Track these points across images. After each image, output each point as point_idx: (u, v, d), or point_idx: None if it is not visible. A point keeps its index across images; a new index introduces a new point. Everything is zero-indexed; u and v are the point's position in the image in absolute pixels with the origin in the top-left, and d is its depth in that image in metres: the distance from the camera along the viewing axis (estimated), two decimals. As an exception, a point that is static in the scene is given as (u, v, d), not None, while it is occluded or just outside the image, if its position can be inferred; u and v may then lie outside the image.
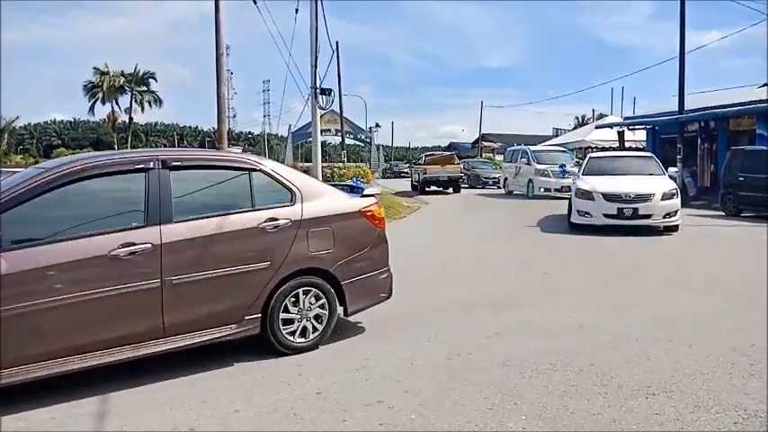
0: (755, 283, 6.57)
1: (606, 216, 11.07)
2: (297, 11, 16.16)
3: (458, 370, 4.01)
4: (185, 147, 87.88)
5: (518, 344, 4.51)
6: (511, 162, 23.84)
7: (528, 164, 21.47)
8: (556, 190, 19.72)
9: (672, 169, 13.44)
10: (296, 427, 3.18)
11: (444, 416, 3.26)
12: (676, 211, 11.08)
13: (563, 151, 24.03)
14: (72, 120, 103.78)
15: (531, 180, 20.83)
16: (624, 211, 10.99)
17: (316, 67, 15.20)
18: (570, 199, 12.19)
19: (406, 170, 44.91)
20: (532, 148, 24.04)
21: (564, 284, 6.86)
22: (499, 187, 26.30)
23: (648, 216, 10.98)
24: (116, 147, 57.22)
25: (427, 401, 3.46)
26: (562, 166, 19.74)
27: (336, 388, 3.71)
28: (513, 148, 26.65)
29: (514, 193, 22.36)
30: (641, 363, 4.03)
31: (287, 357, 4.33)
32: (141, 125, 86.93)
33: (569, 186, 18.17)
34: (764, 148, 16.53)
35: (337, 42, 27.79)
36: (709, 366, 3.94)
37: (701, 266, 8.05)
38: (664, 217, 10.99)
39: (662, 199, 11.03)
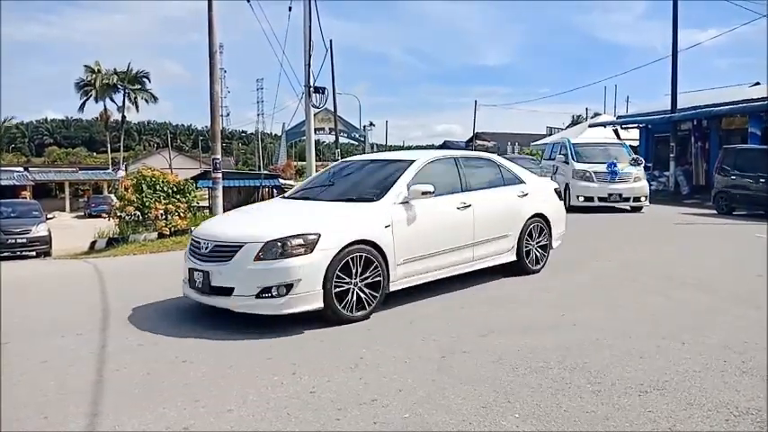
0: (747, 280, 6.61)
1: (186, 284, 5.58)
2: (290, 9, 16.20)
3: (452, 368, 4.01)
4: (178, 146, 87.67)
5: (512, 341, 4.52)
6: (550, 159, 18.01)
7: (566, 162, 15.89)
8: (600, 199, 14.71)
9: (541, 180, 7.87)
10: (289, 426, 3.17)
11: (438, 414, 3.26)
12: (290, 285, 4.78)
13: (618, 144, 17.87)
14: (64, 118, 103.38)
15: (567, 185, 14.96)
16: (195, 276, 5.27)
17: (309, 65, 15.20)
18: None
19: None
20: (574, 139, 18.02)
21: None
22: None
23: (226, 291, 4.98)
24: (109, 145, 57.03)
25: (421, 400, 3.46)
26: (611, 165, 14.90)
27: (330, 387, 3.70)
28: (553, 140, 21.80)
29: None
30: (634, 360, 4.04)
31: (281, 356, 4.32)
32: (134, 123, 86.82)
33: (620, 194, 14.68)
34: (757, 146, 16.68)
35: (331, 41, 27.97)
36: (701, 364, 3.96)
37: (693, 264, 8.08)
38: (260, 295, 4.82)
39: (261, 257, 4.84)
